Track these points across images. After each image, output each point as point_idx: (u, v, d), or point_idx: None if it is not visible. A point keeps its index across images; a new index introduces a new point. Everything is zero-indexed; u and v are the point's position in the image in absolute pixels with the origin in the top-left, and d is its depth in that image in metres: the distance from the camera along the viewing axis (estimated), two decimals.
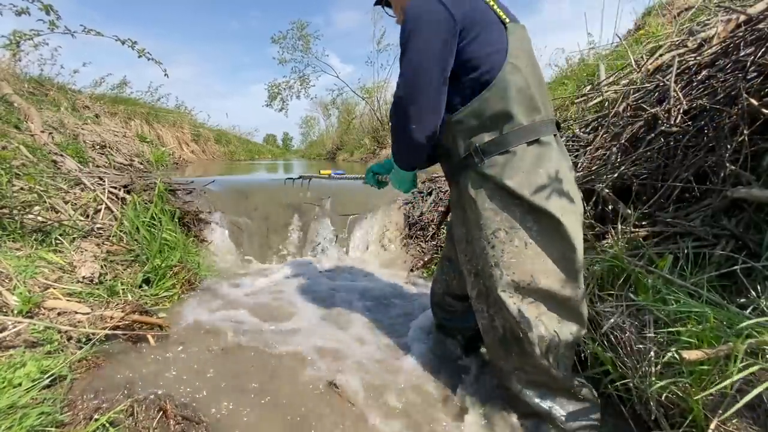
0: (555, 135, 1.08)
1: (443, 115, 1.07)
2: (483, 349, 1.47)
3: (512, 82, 0.99)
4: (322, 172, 2.20)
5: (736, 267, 1.18)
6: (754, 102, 1.37)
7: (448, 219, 2.45)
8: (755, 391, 0.77)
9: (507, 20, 1.05)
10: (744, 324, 0.87)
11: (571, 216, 1.01)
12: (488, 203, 1.05)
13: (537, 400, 1.07)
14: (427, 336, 1.59)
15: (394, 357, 1.45)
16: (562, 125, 1.21)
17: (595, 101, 2.70)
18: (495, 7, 1.06)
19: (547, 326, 1.02)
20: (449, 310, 1.47)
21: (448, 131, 1.09)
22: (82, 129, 4.08)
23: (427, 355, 1.46)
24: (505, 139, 1.02)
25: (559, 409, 1.05)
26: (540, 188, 0.99)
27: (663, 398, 0.96)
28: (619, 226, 1.55)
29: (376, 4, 1.39)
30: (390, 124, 1.11)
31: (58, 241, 1.80)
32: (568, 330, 1.04)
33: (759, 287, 1.10)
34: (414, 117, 1.03)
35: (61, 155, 2.85)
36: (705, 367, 0.91)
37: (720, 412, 0.86)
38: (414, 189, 1.34)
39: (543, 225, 1.00)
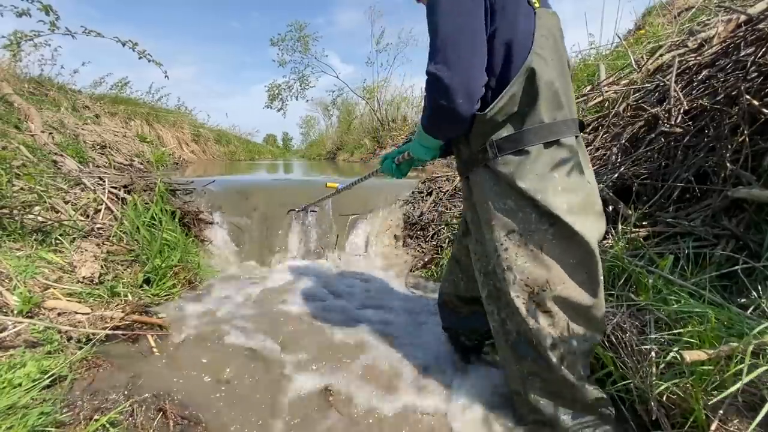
0: (577, 137, 1.01)
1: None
2: (486, 354, 1.46)
3: (539, 72, 0.91)
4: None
5: (736, 267, 1.18)
6: (755, 102, 1.37)
7: (447, 218, 2.40)
8: None
9: (537, 4, 0.95)
10: (760, 327, 0.86)
11: (588, 223, 0.95)
12: (500, 203, 0.98)
13: (549, 408, 1.01)
14: (428, 337, 1.59)
15: (393, 359, 1.44)
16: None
17: (595, 101, 2.70)
18: None
19: (561, 334, 0.97)
20: (455, 311, 1.44)
21: (476, 127, 0.99)
22: (82, 129, 4.08)
23: (427, 358, 1.45)
24: (522, 136, 0.94)
25: (571, 419, 1.00)
26: (555, 194, 0.93)
27: (664, 399, 0.96)
28: (620, 226, 1.55)
29: None
30: (427, 99, 0.96)
31: (58, 241, 1.80)
32: (583, 338, 0.99)
33: (759, 287, 1.10)
34: (459, 89, 0.88)
35: (61, 155, 2.85)
36: (707, 368, 0.90)
37: (721, 412, 0.86)
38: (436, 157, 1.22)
39: (558, 230, 0.94)
